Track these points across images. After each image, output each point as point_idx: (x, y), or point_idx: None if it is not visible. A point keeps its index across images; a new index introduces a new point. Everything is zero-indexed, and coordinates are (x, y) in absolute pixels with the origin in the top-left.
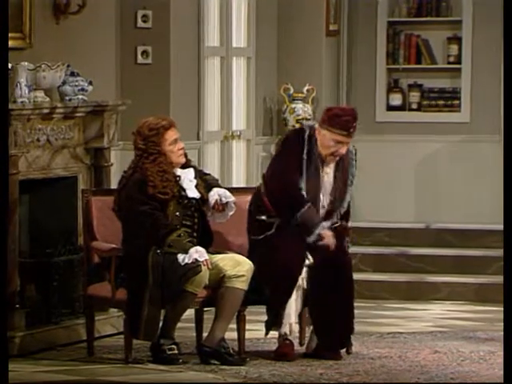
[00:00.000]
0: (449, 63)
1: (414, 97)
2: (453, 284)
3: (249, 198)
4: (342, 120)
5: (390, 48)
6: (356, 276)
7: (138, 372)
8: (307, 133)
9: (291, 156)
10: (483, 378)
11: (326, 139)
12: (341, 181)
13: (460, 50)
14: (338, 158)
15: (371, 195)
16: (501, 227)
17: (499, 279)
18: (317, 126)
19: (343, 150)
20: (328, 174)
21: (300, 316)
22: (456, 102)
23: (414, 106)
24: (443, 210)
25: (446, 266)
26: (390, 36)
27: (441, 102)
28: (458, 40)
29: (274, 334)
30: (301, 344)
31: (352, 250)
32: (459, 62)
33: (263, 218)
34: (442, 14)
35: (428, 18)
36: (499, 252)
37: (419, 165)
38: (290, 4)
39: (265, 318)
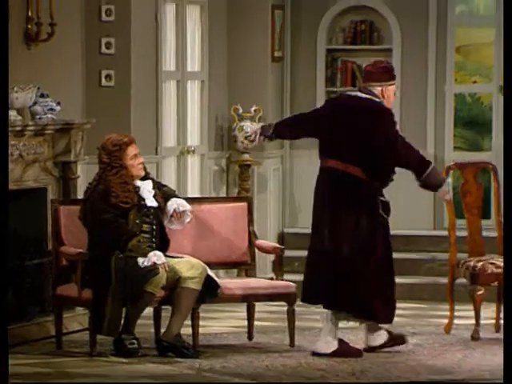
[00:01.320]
0: None
1: None
2: None
3: (203, 206)
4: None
5: (329, 73)
6: (297, 278)
7: (101, 364)
8: None
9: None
10: (410, 367)
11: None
12: None
13: None
14: None
15: (312, 204)
16: (430, 233)
17: (429, 280)
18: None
19: None
20: None
21: None
22: None
23: None
24: None
25: None
26: (328, 62)
27: None
28: None
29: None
30: None
31: (293, 253)
32: None
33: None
34: (374, 42)
35: (362, 46)
36: (429, 255)
37: None
38: (239, 32)
39: (217, 315)
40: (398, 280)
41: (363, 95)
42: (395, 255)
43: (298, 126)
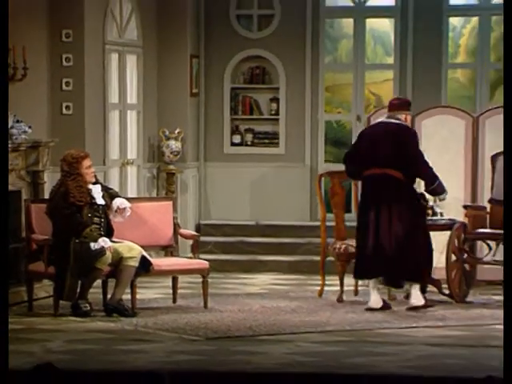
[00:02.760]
0: (271, 115)
1: (249, 137)
2: (274, 261)
3: (139, 204)
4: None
5: (232, 104)
6: (210, 257)
7: (62, 322)
8: None
9: None
10: (293, 322)
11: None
12: None
13: (278, 106)
14: None
15: (221, 202)
16: (307, 223)
17: (306, 258)
18: (405, 117)
19: None
20: None
21: None
22: (276, 140)
23: (249, 143)
24: (268, 212)
25: (270, 249)
26: (232, 97)
27: (266, 141)
28: (276, 100)
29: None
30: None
31: (207, 238)
32: (278, 115)
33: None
34: (266, 82)
35: (256, 86)
36: (306, 239)
37: (253, 182)
38: (166, 74)
39: (149, 285)
40: (283, 258)
41: (395, 121)
42: (282, 240)
43: (357, 164)
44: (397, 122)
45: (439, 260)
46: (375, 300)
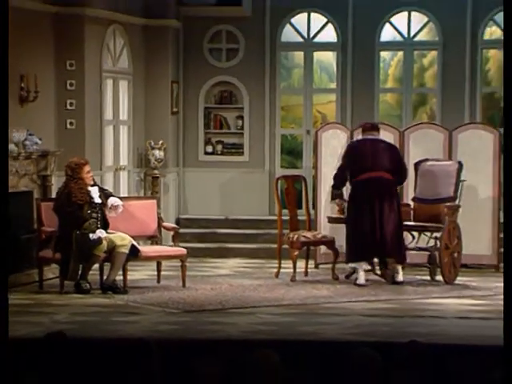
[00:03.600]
0: (237, 130)
1: (219, 147)
2: (239, 248)
3: (130, 202)
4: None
5: (206, 121)
6: (187, 245)
7: (67, 298)
8: None
9: None
10: (255, 298)
11: None
12: None
13: (243, 122)
14: None
15: (196, 200)
16: (267, 217)
17: (264, 245)
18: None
19: None
20: None
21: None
22: (241, 150)
23: (219, 152)
24: (234, 208)
25: (236, 239)
26: (205, 114)
27: (233, 150)
28: (241, 117)
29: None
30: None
31: (185, 230)
32: (242, 129)
33: None
34: (233, 103)
35: (225, 105)
36: (266, 230)
37: (222, 184)
38: (152, 96)
39: (138, 268)
40: (246, 246)
41: (373, 137)
42: (246, 231)
43: (353, 171)
44: (377, 138)
45: None
46: (363, 278)
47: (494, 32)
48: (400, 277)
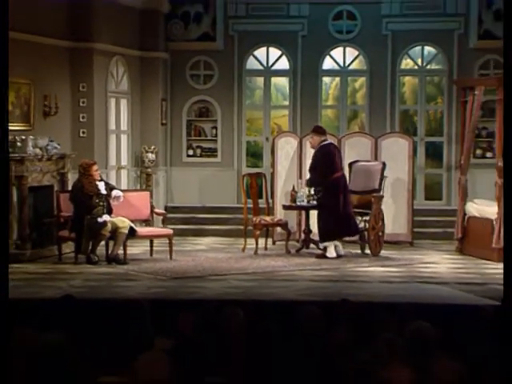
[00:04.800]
0: (212, 137)
1: (198, 151)
2: (214, 229)
3: (129, 193)
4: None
5: (188, 130)
6: (173, 227)
7: (80, 267)
8: None
9: None
10: (226, 267)
11: None
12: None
13: (217, 132)
14: None
15: (180, 192)
16: (235, 205)
17: (234, 227)
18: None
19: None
20: None
21: None
22: (215, 153)
23: (198, 155)
24: (210, 198)
25: (211, 222)
26: (188, 125)
27: (209, 153)
28: (216, 128)
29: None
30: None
31: (171, 215)
32: (216, 137)
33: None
34: (209, 116)
35: (203, 118)
36: (234, 216)
37: (201, 179)
38: (146, 111)
39: (135, 244)
40: (219, 227)
41: (332, 141)
42: (219, 216)
43: (332, 171)
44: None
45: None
46: (334, 252)
47: (408, 63)
48: (341, 251)
